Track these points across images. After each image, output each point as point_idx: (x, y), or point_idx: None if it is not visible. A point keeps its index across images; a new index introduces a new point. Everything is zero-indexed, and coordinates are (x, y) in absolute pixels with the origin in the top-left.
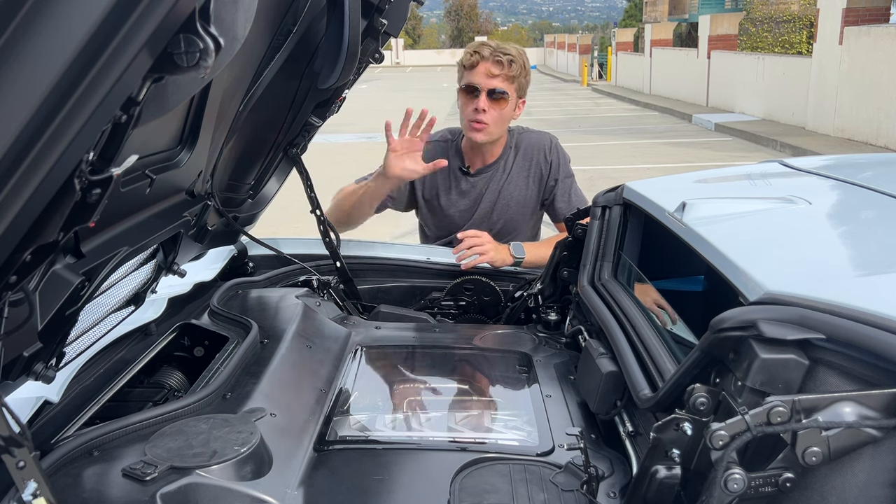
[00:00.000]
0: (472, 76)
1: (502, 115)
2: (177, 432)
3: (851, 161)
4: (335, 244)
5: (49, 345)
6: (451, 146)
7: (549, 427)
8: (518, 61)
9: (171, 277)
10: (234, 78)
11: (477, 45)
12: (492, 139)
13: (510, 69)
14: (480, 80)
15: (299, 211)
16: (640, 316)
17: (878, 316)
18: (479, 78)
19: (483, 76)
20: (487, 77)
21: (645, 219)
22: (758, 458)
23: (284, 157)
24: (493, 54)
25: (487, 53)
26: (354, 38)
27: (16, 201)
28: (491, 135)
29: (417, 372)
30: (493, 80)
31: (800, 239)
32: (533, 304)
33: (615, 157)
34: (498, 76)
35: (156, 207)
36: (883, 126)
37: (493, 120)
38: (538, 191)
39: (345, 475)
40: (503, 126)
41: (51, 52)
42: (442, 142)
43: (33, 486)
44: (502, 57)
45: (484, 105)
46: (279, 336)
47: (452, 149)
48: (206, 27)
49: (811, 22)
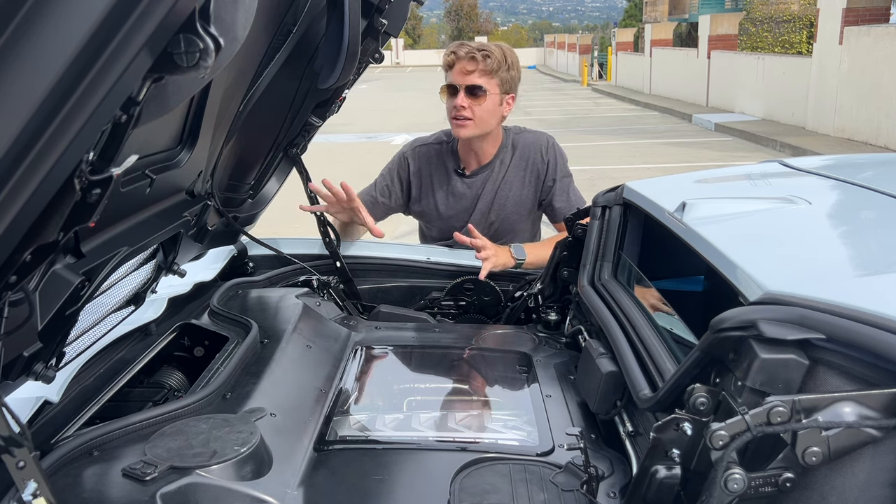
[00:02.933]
0: (450, 76)
1: (484, 109)
2: (177, 432)
3: (851, 161)
4: (335, 244)
5: (49, 345)
6: (447, 148)
7: (549, 427)
8: (495, 56)
9: (171, 277)
10: (234, 78)
11: (454, 46)
12: (477, 134)
13: (485, 63)
14: (457, 78)
15: (299, 211)
16: (640, 316)
17: (878, 316)
18: (456, 76)
19: (460, 74)
20: (464, 74)
21: (645, 219)
22: (758, 458)
23: (284, 157)
24: (469, 52)
25: (463, 52)
26: (354, 38)
27: (16, 201)
28: (475, 129)
29: (417, 372)
30: (469, 77)
31: (800, 239)
32: (533, 304)
33: (615, 157)
34: (473, 72)
35: (156, 207)
36: (883, 126)
37: (475, 115)
38: (535, 191)
39: (345, 475)
40: (488, 122)
41: (51, 52)
42: (436, 144)
43: (33, 486)
44: (476, 53)
45: (463, 101)
46: (279, 336)
47: (447, 151)
48: (206, 27)
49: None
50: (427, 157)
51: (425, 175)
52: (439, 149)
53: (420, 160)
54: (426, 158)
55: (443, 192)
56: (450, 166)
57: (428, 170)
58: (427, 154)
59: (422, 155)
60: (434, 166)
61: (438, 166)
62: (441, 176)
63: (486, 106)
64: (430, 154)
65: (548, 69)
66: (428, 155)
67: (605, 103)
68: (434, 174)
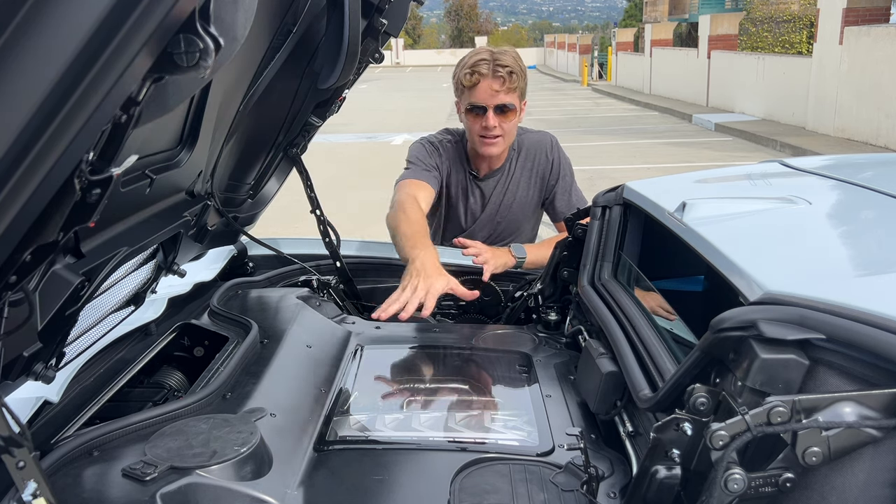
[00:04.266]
0: (475, 95)
1: (512, 125)
2: (177, 432)
3: (851, 161)
4: (335, 244)
5: (49, 345)
6: (461, 148)
7: (549, 427)
8: (517, 70)
9: (171, 277)
10: (234, 78)
11: (474, 63)
12: (505, 148)
13: (511, 81)
14: (485, 99)
15: (300, 211)
16: (640, 316)
17: (878, 316)
18: (483, 96)
19: (487, 94)
20: (492, 94)
21: (645, 219)
22: (758, 458)
23: (284, 157)
24: (493, 70)
25: (487, 70)
26: (354, 38)
27: (16, 201)
28: (504, 145)
29: (417, 372)
30: (497, 97)
31: (800, 239)
32: (533, 304)
33: (615, 157)
34: (500, 91)
35: (156, 207)
36: (883, 126)
37: (505, 131)
38: (540, 191)
39: (345, 475)
40: (514, 133)
41: (51, 52)
42: (454, 142)
43: (33, 486)
44: (502, 70)
45: (494, 122)
46: (279, 336)
47: (462, 152)
48: (206, 27)
49: (811, 22)
50: (451, 153)
51: (450, 171)
52: (458, 148)
53: (448, 154)
54: (451, 155)
55: (460, 193)
56: (467, 168)
57: (451, 166)
58: (452, 151)
59: (448, 149)
60: (454, 164)
61: (458, 166)
62: (459, 176)
63: (515, 121)
64: (452, 152)
65: (548, 69)
66: (452, 153)
67: (605, 103)
68: (453, 173)
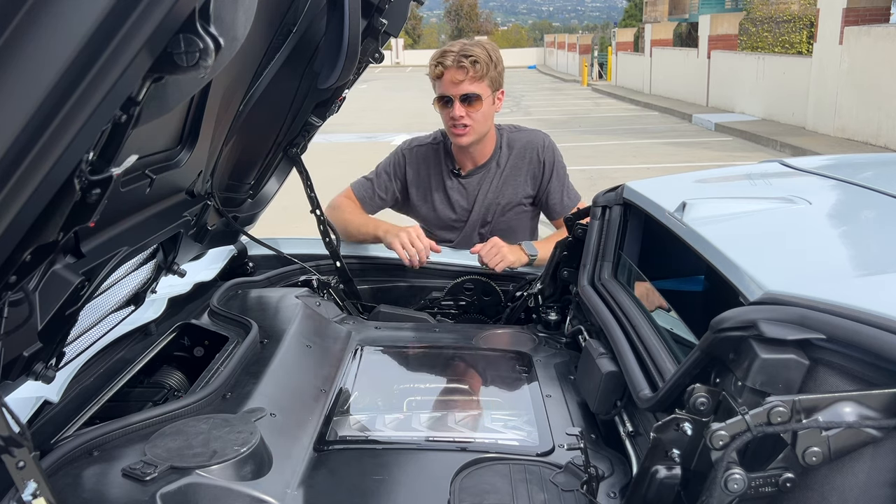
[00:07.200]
0: (441, 87)
1: (481, 114)
2: (177, 432)
3: (851, 161)
4: (335, 244)
5: (49, 345)
6: (441, 148)
7: (549, 427)
8: (482, 59)
9: (171, 277)
10: (234, 78)
11: (439, 55)
12: (478, 138)
13: (475, 70)
14: (449, 89)
15: (300, 211)
16: (640, 316)
17: (878, 316)
18: (447, 87)
19: (451, 84)
20: (455, 84)
21: (645, 219)
22: (758, 458)
23: (284, 157)
24: (455, 60)
25: (450, 61)
26: (354, 38)
27: (16, 201)
28: (475, 135)
29: (417, 372)
30: (461, 86)
31: (800, 239)
32: (533, 304)
33: (615, 157)
34: (464, 80)
35: (156, 207)
36: (883, 126)
37: (473, 121)
38: (533, 189)
39: (345, 475)
40: (487, 123)
41: (51, 52)
42: (433, 144)
43: (33, 486)
44: (464, 60)
45: (460, 112)
46: (279, 336)
47: (442, 151)
48: (205, 27)
49: (811, 22)
50: (424, 157)
51: (423, 177)
52: (436, 149)
53: (418, 161)
54: (423, 159)
55: (441, 194)
56: (446, 167)
57: (426, 171)
58: (424, 155)
59: (419, 155)
60: (431, 167)
61: (435, 167)
62: (438, 177)
63: (483, 110)
64: (427, 154)
65: (548, 69)
66: (425, 155)
67: (605, 103)
68: (432, 175)
